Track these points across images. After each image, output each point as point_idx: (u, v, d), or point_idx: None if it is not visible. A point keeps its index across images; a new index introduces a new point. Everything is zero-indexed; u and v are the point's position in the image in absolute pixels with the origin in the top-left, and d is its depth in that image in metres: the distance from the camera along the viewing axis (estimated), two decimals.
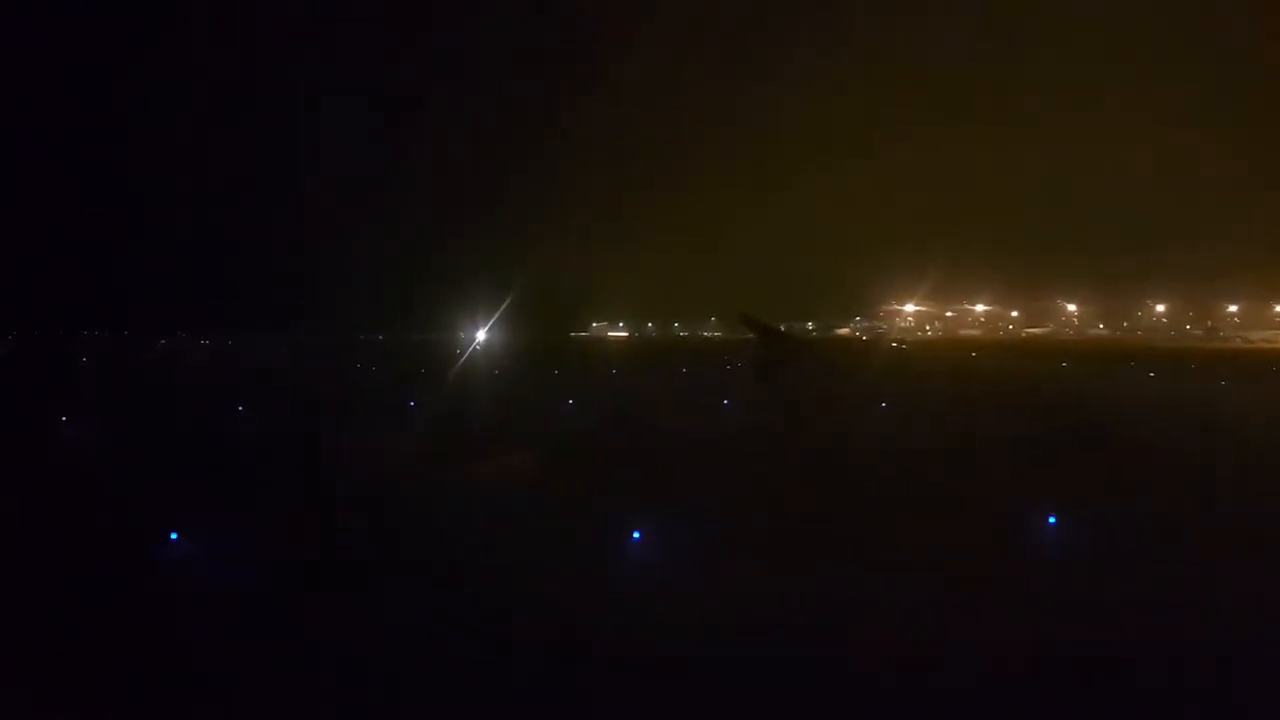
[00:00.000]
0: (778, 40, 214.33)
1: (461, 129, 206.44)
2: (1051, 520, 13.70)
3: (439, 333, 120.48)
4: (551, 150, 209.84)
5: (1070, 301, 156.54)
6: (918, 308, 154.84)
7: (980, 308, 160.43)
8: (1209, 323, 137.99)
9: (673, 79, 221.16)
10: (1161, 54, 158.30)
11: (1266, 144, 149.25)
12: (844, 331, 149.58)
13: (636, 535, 12.64)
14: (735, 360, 54.57)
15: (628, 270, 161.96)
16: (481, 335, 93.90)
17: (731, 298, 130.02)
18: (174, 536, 12.61)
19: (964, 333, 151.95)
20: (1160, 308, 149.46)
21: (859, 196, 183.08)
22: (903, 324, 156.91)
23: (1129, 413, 30.65)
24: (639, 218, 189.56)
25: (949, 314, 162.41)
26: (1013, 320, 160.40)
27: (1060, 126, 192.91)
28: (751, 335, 40.94)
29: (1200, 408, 32.70)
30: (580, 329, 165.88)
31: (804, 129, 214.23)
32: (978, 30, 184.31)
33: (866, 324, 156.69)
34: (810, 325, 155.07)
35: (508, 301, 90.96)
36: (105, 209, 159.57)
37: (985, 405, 33.17)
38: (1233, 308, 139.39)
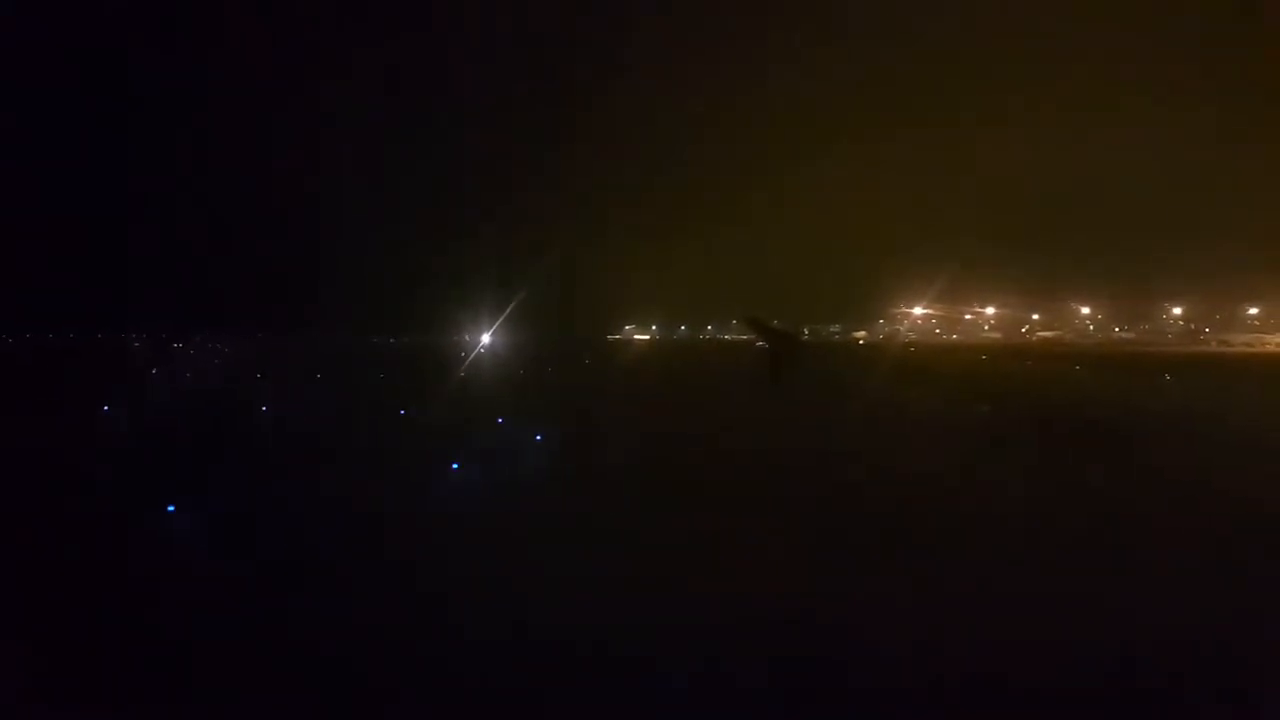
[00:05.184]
0: (798, 44, 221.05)
1: (505, 137, 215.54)
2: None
3: (459, 336, 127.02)
4: (584, 160, 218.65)
5: (1084, 304, 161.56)
6: (927, 310, 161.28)
7: (990, 310, 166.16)
8: (1191, 325, 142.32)
9: (686, 86, 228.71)
10: (1180, 51, 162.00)
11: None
12: (861, 334, 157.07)
13: None
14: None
15: (660, 275, 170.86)
16: (485, 338, 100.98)
17: (762, 302, 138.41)
18: None
19: (984, 336, 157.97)
20: (1177, 310, 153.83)
21: (884, 201, 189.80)
22: (922, 326, 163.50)
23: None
24: (668, 225, 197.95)
25: (967, 317, 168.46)
26: (1031, 323, 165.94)
27: (1086, 125, 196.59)
28: (756, 336, 49.04)
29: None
30: (613, 331, 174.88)
31: (839, 134, 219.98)
32: (993, 31, 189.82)
33: (888, 327, 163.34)
34: (834, 329, 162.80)
35: (553, 306, 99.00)
36: (107, 211, 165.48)
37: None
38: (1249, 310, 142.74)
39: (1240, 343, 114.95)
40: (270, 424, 31.80)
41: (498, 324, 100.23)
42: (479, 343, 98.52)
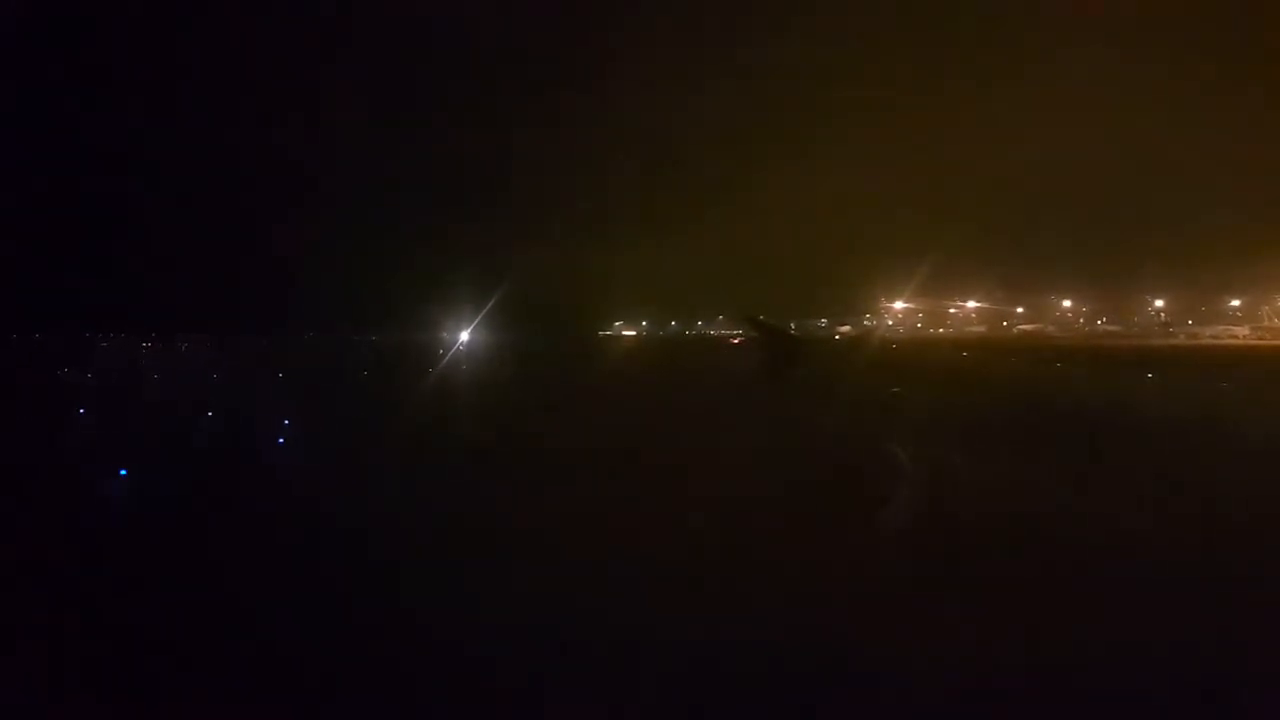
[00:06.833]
0: (780, 40, 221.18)
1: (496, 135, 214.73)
2: None
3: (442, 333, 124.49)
4: (576, 157, 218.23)
5: (1066, 298, 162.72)
6: (911, 305, 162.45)
7: (972, 304, 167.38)
8: (1164, 317, 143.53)
9: (674, 83, 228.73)
10: (1166, 45, 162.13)
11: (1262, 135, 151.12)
12: (845, 329, 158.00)
13: None
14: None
15: (650, 272, 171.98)
16: (464, 335, 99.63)
17: (749, 296, 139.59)
18: None
19: (969, 329, 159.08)
20: (1159, 302, 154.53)
21: (869, 195, 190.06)
22: (907, 320, 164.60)
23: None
24: (658, 222, 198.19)
25: (951, 310, 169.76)
26: (1016, 316, 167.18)
27: (1072, 119, 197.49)
28: (756, 333, 50.37)
29: None
30: (603, 328, 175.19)
31: (824, 130, 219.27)
32: (975, 30, 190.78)
33: (873, 321, 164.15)
34: (821, 323, 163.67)
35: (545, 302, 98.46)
36: (90, 210, 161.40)
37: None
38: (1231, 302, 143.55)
39: (1207, 335, 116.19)
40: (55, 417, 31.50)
41: (478, 321, 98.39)
42: (456, 340, 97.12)
